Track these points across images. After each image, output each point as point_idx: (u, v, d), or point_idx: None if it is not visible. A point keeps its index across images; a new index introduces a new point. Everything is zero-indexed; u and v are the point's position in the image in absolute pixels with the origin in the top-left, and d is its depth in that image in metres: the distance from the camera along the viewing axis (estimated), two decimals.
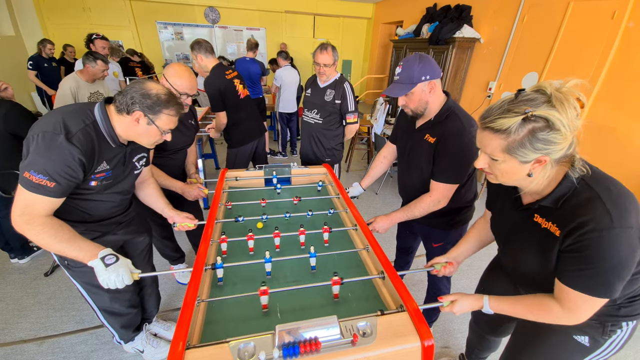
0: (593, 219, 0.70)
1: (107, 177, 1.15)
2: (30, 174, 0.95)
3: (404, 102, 1.33)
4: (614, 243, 0.69)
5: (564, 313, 0.82)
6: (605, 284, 0.73)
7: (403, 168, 1.60)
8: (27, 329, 1.86)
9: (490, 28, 4.10)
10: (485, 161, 0.83)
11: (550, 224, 0.80)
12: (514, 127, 0.71)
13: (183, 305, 0.89)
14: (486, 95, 4.19)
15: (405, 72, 1.25)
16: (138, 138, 1.15)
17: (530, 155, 0.73)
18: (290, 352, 0.76)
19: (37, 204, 0.98)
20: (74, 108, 1.08)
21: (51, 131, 0.96)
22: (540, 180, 0.79)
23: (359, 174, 4.45)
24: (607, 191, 0.72)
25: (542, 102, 0.70)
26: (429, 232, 1.63)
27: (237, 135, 2.60)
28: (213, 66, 2.34)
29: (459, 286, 2.37)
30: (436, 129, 1.33)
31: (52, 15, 5.90)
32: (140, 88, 1.08)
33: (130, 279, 1.05)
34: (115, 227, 1.34)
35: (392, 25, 7.23)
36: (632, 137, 2.67)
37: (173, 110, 1.13)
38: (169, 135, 1.19)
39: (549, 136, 0.70)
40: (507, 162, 0.77)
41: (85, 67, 2.68)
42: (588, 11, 2.98)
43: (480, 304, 0.98)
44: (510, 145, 0.73)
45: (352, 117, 2.29)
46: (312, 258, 1.17)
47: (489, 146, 0.78)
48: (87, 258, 1.03)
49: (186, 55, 7.05)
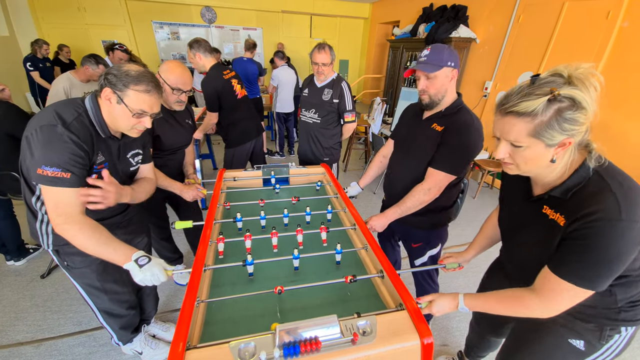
0: (602, 209, 0.70)
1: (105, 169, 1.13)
2: (43, 170, 0.95)
3: (424, 86, 1.32)
4: (618, 235, 0.68)
5: (540, 303, 0.80)
6: (595, 275, 0.73)
7: (397, 160, 1.57)
8: (24, 332, 1.85)
9: (486, 28, 4.13)
10: (506, 150, 0.79)
11: (558, 215, 0.79)
12: (540, 108, 0.69)
13: (183, 306, 0.89)
14: (482, 95, 4.21)
15: (434, 54, 1.26)
16: (114, 122, 1.10)
17: (557, 137, 0.71)
18: (291, 351, 0.76)
19: (64, 198, 0.99)
20: (65, 101, 1.08)
21: (47, 124, 0.96)
22: (562, 167, 0.78)
23: (356, 174, 4.45)
24: (619, 184, 0.72)
25: (562, 84, 0.69)
26: (409, 232, 1.61)
27: (234, 135, 2.59)
28: (211, 66, 2.33)
29: (456, 285, 2.38)
30: (445, 120, 1.33)
31: (47, 15, 5.86)
32: (116, 66, 1.07)
33: (165, 276, 1.05)
34: (114, 228, 1.32)
35: (388, 25, 7.25)
36: (627, 136, 2.70)
37: (142, 86, 1.05)
38: (147, 120, 1.11)
39: (575, 115, 0.69)
40: (532, 148, 0.75)
41: (84, 67, 2.66)
42: (583, 11, 3.00)
43: (456, 302, 0.96)
44: (538, 128, 0.71)
45: (350, 116, 2.30)
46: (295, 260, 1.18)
47: (512, 132, 0.75)
48: (122, 261, 1.03)
49: (182, 55, 7.02)
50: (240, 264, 1.12)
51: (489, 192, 4.04)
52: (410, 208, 1.41)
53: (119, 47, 3.41)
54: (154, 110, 1.12)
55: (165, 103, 1.65)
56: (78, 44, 5.99)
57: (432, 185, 1.35)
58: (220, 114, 2.46)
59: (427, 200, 1.38)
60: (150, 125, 1.14)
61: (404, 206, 1.41)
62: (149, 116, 1.11)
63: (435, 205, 1.43)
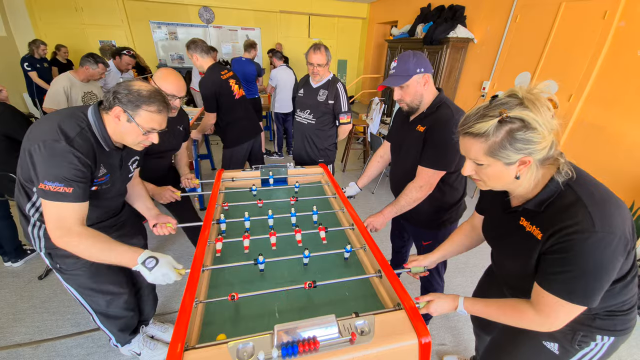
0: (576, 222, 0.71)
1: (106, 182, 1.15)
2: (45, 184, 0.96)
3: (400, 95, 1.37)
4: (595, 248, 0.69)
5: (538, 318, 0.81)
6: (582, 290, 0.73)
7: (395, 163, 1.64)
8: (22, 333, 1.84)
9: (484, 28, 4.14)
10: (471, 167, 0.84)
11: (534, 227, 0.81)
12: (491, 129, 0.73)
13: (181, 307, 0.90)
14: (480, 95, 4.23)
15: (401, 65, 1.30)
16: (122, 137, 1.11)
17: (512, 156, 0.74)
18: (289, 351, 0.76)
19: (66, 212, 0.99)
20: (67, 113, 1.07)
21: (50, 139, 0.97)
22: (527, 183, 0.80)
23: (355, 174, 4.46)
24: (590, 195, 0.73)
25: (515, 105, 0.72)
26: (418, 232, 1.65)
27: (232, 136, 2.59)
28: (209, 66, 2.33)
29: (454, 284, 2.39)
30: (427, 119, 1.37)
31: (44, 15, 5.84)
32: (125, 84, 1.06)
33: (176, 275, 1.04)
34: (108, 230, 1.31)
35: (386, 25, 7.26)
36: (623, 136, 2.71)
37: (154, 107, 1.07)
38: (154, 136, 1.14)
39: (526, 135, 0.71)
40: (493, 166, 0.78)
41: (84, 67, 2.65)
42: (580, 11, 3.02)
43: (455, 303, 0.97)
44: (492, 148, 0.75)
45: (345, 117, 2.29)
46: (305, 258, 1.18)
47: (472, 151, 0.79)
48: (130, 264, 1.03)
49: (180, 55, 7.00)
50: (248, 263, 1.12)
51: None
52: (404, 206, 1.45)
53: (127, 52, 3.37)
54: (162, 127, 1.15)
55: None
56: (76, 44, 5.97)
57: (423, 182, 1.40)
58: (218, 114, 2.46)
59: (420, 197, 1.42)
60: (157, 141, 1.15)
61: (399, 205, 1.45)
62: (157, 132, 1.14)
63: (443, 202, 1.48)
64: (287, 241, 1.35)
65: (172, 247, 2.69)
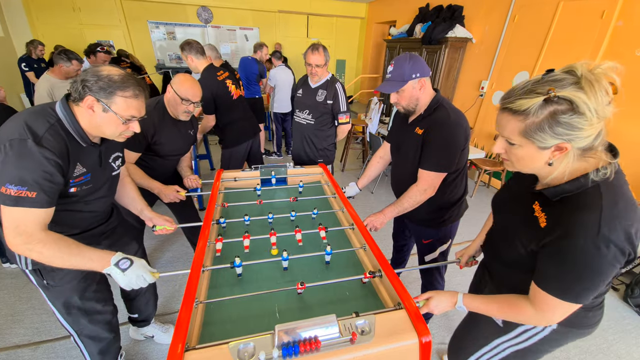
0: (583, 226, 0.68)
1: (86, 182, 1.06)
2: (6, 188, 0.86)
3: (395, 99, 1.38)
4: (594, 255, 0.67)
5: (535, 314, 0.81)
6: (577, 291, 0.73)
7: (395, 164, 1.64)
8: (21, 334, 1.84)
9: (482, 28, 4.15)
10: (502, 146, 0.78)
11: (543, 214, 0.78)
12: (533, 108, 0.66)
13: (181, 307, 0.89)
14: (479, 94, 4.24)
15: (396, 70, 1.31)
16: (100, 130, 1.02)
17: (549, 140, 0.68)
18: (290, 351, 0.76)
19: (27, 219, 0.90)
20: (35, 109, 0.99)
21: (17, 137, 0.88)
22: (560, 172, 0.73)
23: (354, 173, 4.46)
24: (611, 205, 0.68)
25: (569, 84, 0.64)
26: (420, 230, 1.66)
27: (230, 136, 2.59)
28: (204, 68, 2.32)
29: (454, 282, 2.39)
30: (425, 121, 1.38)
31: (42, 15, 5.81)
32: (92, 70, 0.96)
33: (151, 277, 1.02)
34: (98, 238, 1.26)
35: (385, 25, 7.26)
36: (620, 135, 2.72)
37: (130, 91, 0.98)
38: (135, 125, 1.05)
39: (571, 120, 0.64)
40: (524, 147, 0.72)
41: (58, 65, 2.62)
42: (578, 10, 3.03)
43: (454, 300, 0.97)
44: (528, 128, 0.68)
45: (344, 117, 2.29)
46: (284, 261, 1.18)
47: (507, 128, 0.73)
48: (100, 267, 0.99)
49: (178, 55, 6.98)
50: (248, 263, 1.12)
51: (485, 190, 4.06)
52: (407, 208, 1.45)
53: (101, 49, 3.28)
54: (141, 113, 1.07)
55: (173, 112, 1.69)
56: (73, 44, 5.92)
57: (426, 186, 1.40)
58: (216, 115, 2.46)
59: (423, 200, 1.43)
60: (139, 130, 1.08)
61: (402, 206, 1.45)
62: (137, 120, 1.06)
63: (444, 201, 1.49)
64: (287, 241, 1.35)
65: (171, 247, 2.68)
